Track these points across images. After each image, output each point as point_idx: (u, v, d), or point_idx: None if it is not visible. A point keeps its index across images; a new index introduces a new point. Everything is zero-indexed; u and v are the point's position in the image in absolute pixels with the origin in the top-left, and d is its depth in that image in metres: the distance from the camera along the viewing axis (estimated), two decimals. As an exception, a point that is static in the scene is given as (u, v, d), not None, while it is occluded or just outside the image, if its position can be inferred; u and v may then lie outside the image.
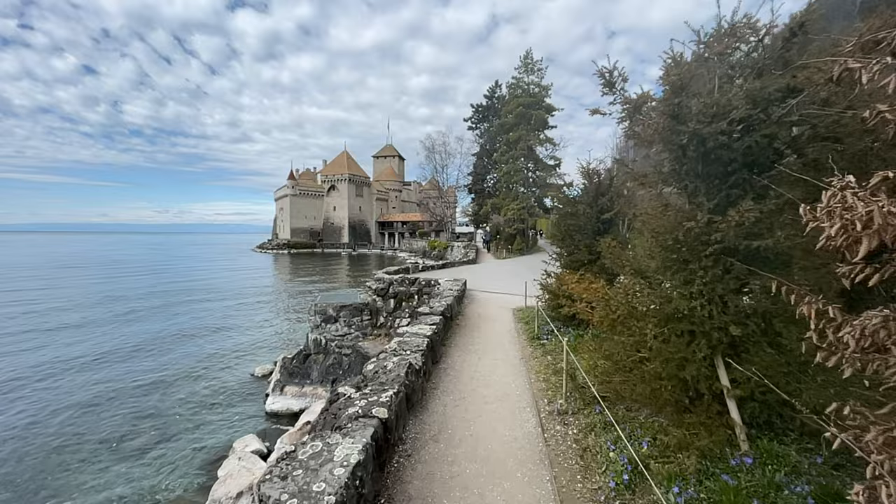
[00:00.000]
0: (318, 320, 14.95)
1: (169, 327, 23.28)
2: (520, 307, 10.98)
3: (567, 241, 8.07)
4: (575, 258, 7.52)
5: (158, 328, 23.15)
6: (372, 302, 15.85)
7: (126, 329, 22.78)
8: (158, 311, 27.41)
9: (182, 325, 23.92)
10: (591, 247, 7.33)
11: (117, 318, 25.27)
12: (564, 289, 7.31)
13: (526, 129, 30.54)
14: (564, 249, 8.17)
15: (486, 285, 15.37)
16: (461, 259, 27.51)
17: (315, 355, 15.07)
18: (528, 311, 10.29)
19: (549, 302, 8.00)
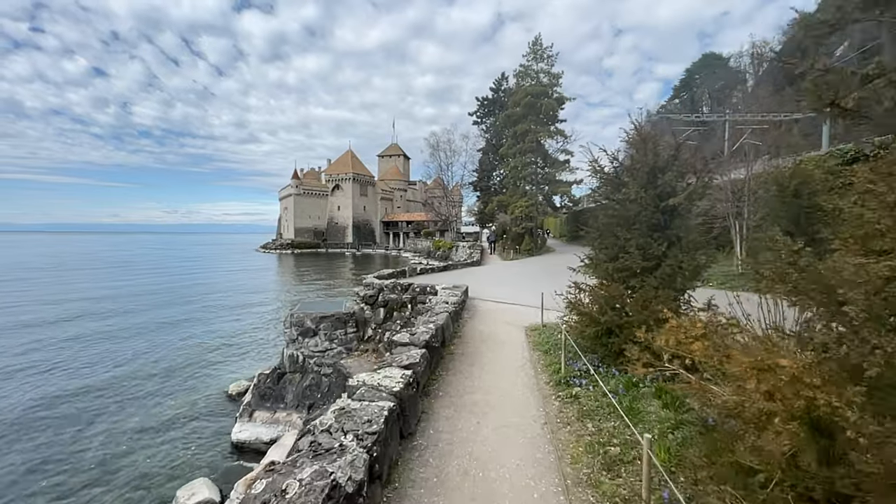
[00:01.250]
0: (295, 333, 12.62)
1: (146, 333, 21.14)
2: (534, 325, 8.51)
3: (605, 241, 5.59)
4: (621, 265, 5.05)
5: (134, 333, 21.03)
6: (359, 311, 13.48)
7: (96, 333, 20.66)
8: (141, 313, 25.33)
9: (162, 330, 21.78)
10: (646, 248, 4.86)
11: (89, 320, 23.18)
12: (613, 314, 4.86)
13: (534, 121, 27.99)
14: (602, 252, 5.69)
15: (491, 292, 12.92)
16: (465, 260, 25.07)
17: (291, 374, 12.74)
18: (545, 331, 7.82)
19: (582, 326, 5.54)
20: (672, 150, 4.89)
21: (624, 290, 5.01)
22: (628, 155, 5.85)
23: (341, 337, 12.77)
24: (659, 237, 4.89)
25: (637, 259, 4.84)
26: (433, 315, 7.15)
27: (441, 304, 8.12)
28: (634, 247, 4.93)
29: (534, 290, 13.15)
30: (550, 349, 6.57)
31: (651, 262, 4.80)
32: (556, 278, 17.45)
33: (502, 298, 11.77)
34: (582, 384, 4.89)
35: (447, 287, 11.40)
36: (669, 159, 4.87)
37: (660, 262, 4.82)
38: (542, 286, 14.52)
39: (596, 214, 6.24)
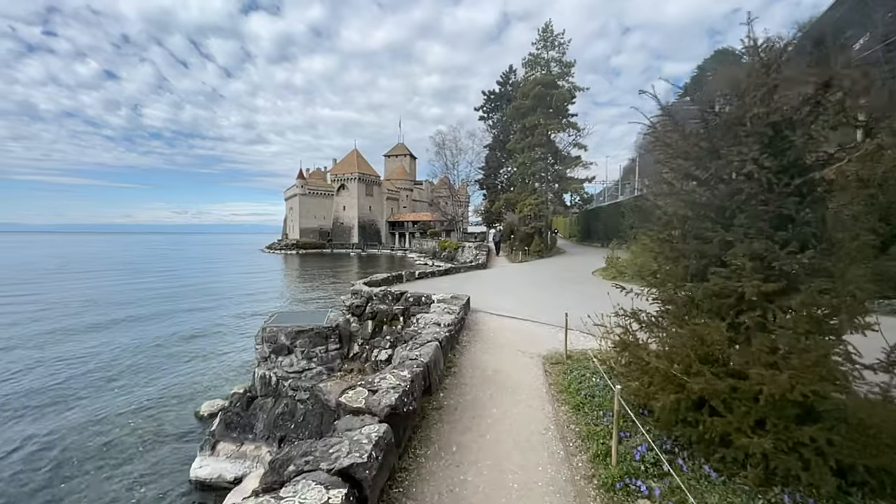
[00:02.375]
0: (267, 350, 10.63)
1: (121, 339, 19.33)
2: (554, 354, 6.39)
3: (681, 246, 3.45)
4: (717, 288, 2.92)
5: (107, 340, 19.25)
6: (344, 324, 11.47)
7: (70, 343, 18.92)
8: (127, 318, 23.61)
9: (141, 336, 19.99)
10: (766, 258, 2.75)
11: (69, 327, 21.48)
12: (711, 374, 2.73)
13: (545, 114, 25.76)
14: (673, 264, 3.55)
15: (497, 303, 10.80)
16: (470, 262, 22.95)
17: (262, 399, 10.76)
18: (572, 366, 5.70)
19: (645, 387, 3.42)
20: (813, 89, 2.74)
21: (728, 332, 2.87)
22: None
23: (321, 355, 10.76)
24: (786, 238, 2.76)
25: (752, 277, 2.70)
26: (416, 346, 5.06)
27: (430, 328, 6.02)
28: (742, 255, 2.80)
29: (548, 299, 11.17)
30: (585, 404, 4.44)
31: (778, 281, 2.67)
32: (571, 284, 15.18)
33: (511, 311, 9.64)
34: (654, 493, 2.77)
35: (443, 300, 9.32)
36: (809, 104, 2.73)
37: (794, 283, 2.69)
38: (558, 295, 12.12)
39: (651, 207, 4.12)
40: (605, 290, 13.01)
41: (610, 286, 13.16)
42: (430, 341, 5.31)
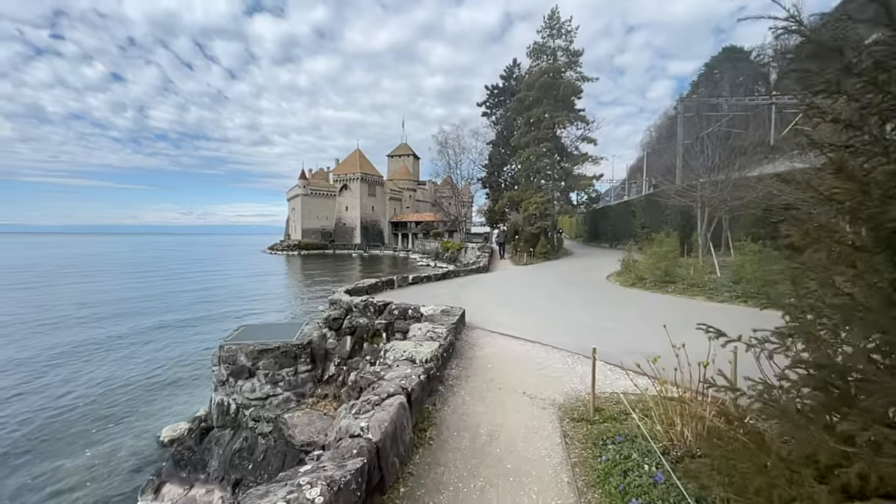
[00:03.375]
0: (224, 373, 8.86)
1: (91, 351, 17.66)
2: (574, 402, 4.53)
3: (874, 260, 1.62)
4: None
5: (80, 349, 17.59)
6: (319, 340, 9.67)
7: (39, 348, 17.26)
8: (111, 323, 21.99)
9: (118, 345, 18.33)
10: None
11: (48, 329, 19.86)
12: None
13: (551, 106, 23.85)
14: (863, 288, 1.72)
15: (498, 317, 8.92)
16: (471, 265, 21.11)
17: (219, 430, 8.99)
18: (608, 431, 3.81)
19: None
20: None
21: None
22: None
23: (289, 378, 8.96)
24: None
25: None
26: (369, 406, 3.23)
27: (400, 369, 4.16)
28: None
29: (559, 312, 9.12)
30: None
31: None
32: (584, 291, 12.47)
33: (515, 329, 7.78)
34: None
35: (430, 316, 7.49)
36: None
37: None
38: (570, 305, 10.04)
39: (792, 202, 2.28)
40: (625, 299, 11.02)
41: (632, 295, 11.19)
42: (394, 394, 3.48)
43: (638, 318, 8.44)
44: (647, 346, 6.40)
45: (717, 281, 11.07)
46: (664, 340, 6.66)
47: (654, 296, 10.74)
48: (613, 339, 6.82)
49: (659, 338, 7.00)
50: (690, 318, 8.21)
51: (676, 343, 3.41)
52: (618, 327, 7.64)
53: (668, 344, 7.12)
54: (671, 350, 5.90)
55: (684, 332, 7.34)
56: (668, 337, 3.64)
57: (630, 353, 6.14)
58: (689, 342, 5.42)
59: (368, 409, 3.20)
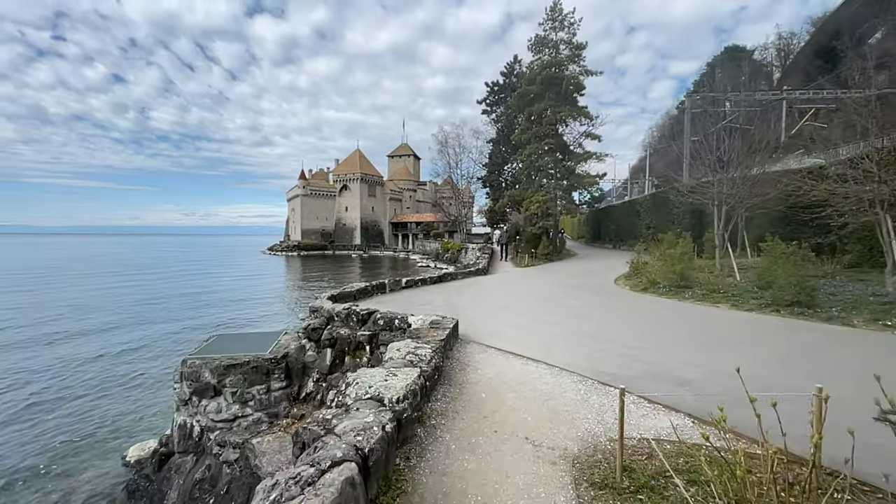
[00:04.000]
0: (186, 391, 7.79)
1: (80, 353, 16.61)
2: (596, 453, 3.42)
3: None
4: None
5: (68, 352, 16.54)
6: (296, 352, 8.60)
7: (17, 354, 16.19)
8: (95, 326, 20.94)
9: (98, 351, 17.27)
10: None
11: (30, 334, 18.79)
12: None
13: (553, 101, 22.75)
14: None
15: (497, 327, 7.82)
16: (469, 267, 20.01)
17: (180, 457, 7.91)
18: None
19: None
20: None
21: None
22: None
23: (260, 396, 7.88)
24: None
25: None
26: (298, 486, 2.14)
27: (360, 417, 3.06)
28: None
29: (566, 322, 7.90)
30: None
31: None
32: (592, 297, 11.22)
33: (516, 344, 6.67)
34: None
35: (416, 331, 6.40)
36: None
37: None
38: (579, 314, 8.84)
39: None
40: (638, 307, 9.75)
41: (646, 301, 10.06)
42: (341, 461, 2.39)
43: (657, 330, 7.33)
44: (675, 366, 5.32)
45: (739, 286, 9.95)
46: (695, 360, 5.57)
47: (669, 303, 9.62)
48: (631, 358, 5.72)
49: (687, 356, 5.88)
50: (722, 331, 7.07)
51: (714, 361, 2.30)
52: (635, 342, 6.54)
53: (701, 365, 6.02)
54: (708, 373, 4.77)
55: (722, 350, 6.29)
56: (711, 359, 2.53)
57: (655, 378, 5.05)
58: (730, 362, 4.33)
59: (295, 494, 2.10)
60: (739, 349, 6.04)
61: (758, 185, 11.61)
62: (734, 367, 2.71)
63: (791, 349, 6.01)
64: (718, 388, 4.48)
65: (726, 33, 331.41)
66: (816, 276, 8.54)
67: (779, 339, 6.54)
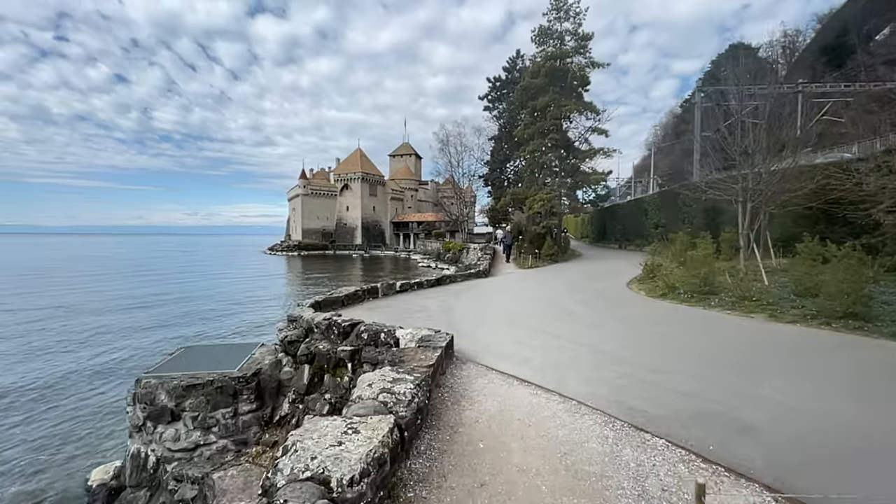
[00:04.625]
0: (140, 415, 6.71)
1: (58, 359, 15.58)
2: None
3: None
4: None
5: (47, 358, 15.51)
6: (269, 369, 7.51)
7: None
8: (81, 330, 19.94)
9: (77, 359, 16.26)
10: None
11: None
12: None
13: (558, 94, 21.58)
14: None
15: (499, 342, 6.68)
16: (469, 269, 18.89)
17: (132, 491, 6.83)
18: None
19: None
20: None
21: None
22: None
23: (226, 421, 6.80)
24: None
25: None
26: None
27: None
28: None
29: (581, 336, 6.51)
30: None
31: None
32: (605, 304, 9.67)
33: (521, 364, 5.54)
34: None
35: (409, 341, 5.28)
36: None
37: None
38: (595, 325, 7.65)
39: None
40: (661, 317, 8.16)
41: (667, 310, 8.86)
42: None
43: (688, 348, 6.19)
44: (723, 400, 3.91)
45: (771, 292, 8.78)
46: (745, 390, 4.40)
47: (694, 312, 8.45)
48: (664, 387, 4.59)
49: (734, 383, 4.50)
50: (766, 350, 5.75)
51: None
52: (664, 363, 5.40)
53: (756, 398, 4.62)
54: (772, 413, 3.67)
55: (776, 376, 4.94)
56: (766, 390, 1.48)
57: (703, 419, 3.75)
58: (794, 395, 3.17)
59: None
60: (796, 375, 4.90)
61: (789, 180, 10.44)
62: (802, 401, 1.59)
63: (863, 375, 4.86)
64: (797, 439, 3.34)
65: (729, 32, 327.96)
66: (868, 283, 7.36)
67: (840, 360, 5.38)
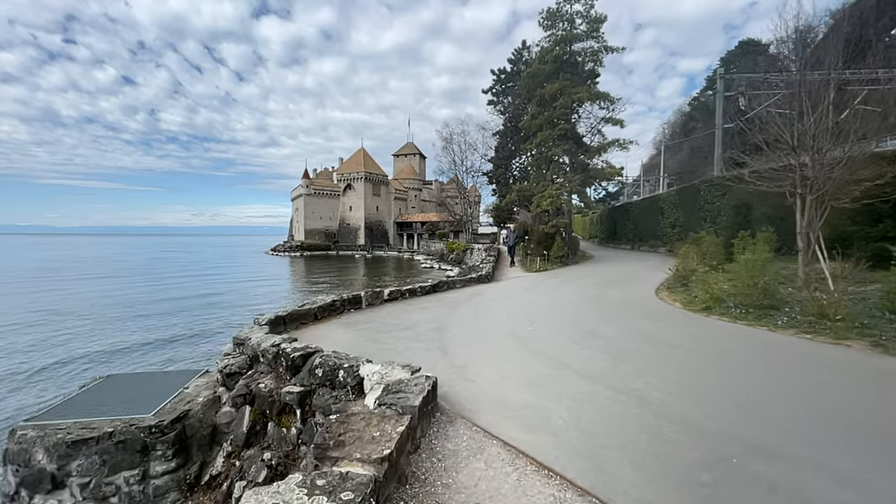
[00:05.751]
0: (12, 482, 4.90)
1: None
2: None
3: None
4: None
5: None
6: (205, 408, 5.65)
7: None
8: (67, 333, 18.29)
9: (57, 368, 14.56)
10: None
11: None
12: None
13: (568, 81, 19.57)
14: None
15: (503, 382, 4.73)
16: (472, 272, 16.96)
17: (2, 584, 5.04)
18: None
19: None
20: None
21: None
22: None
23: (130, 488, 4.93)
24: None
25: None
26: None
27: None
28: None
29: (614, 374, 4.27)
30: None
31: None
32: (635, 320, 7.16)
33: (533, 430, 3.60)
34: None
35: (376, 385, 3.35)
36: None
37: None
38: (631, 360, 5.14)
39: None
40: (715, 342, 4.41)
41: (719, 331, 6.45)
42: None
43: (788, 400, 4.17)
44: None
45: (855, 309, 6.74)
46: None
47: (760, 335, 6.41)
48: (795, 496, 2.63)
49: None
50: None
51: None
52: (772, 439, 3.41)
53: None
54: None
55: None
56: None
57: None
58: None
59: None
60: None
61: (857, 169, 8.42)
62: None
63: None
64: None
65: (736, 29, 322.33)
66: None
67: None
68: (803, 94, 9.35)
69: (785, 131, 9.27)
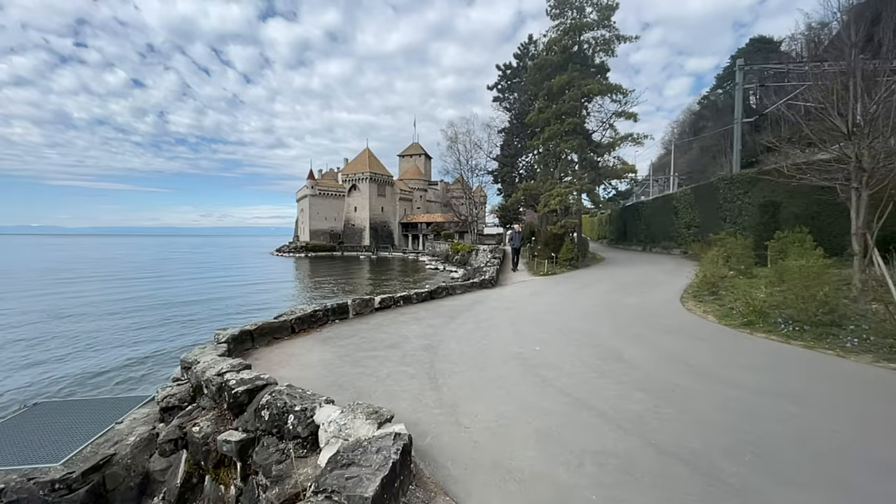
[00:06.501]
0: None
1: None
2: None
3: None
4: None
5: None
6: (134, 451, 4.50)
7: None
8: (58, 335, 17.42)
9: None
10: None
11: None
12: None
13: (577, 72, 18.28)
14: None
15: (505, 432, 3.51)
16: (475, 276, 15.74)
17: None
18: None
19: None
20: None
21: None
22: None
23: (26, 563, 3.82)
24: None
25: None
26: None
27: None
28: None
29: (652, 416, 3.34)
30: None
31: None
32: (667, 342, 4.98)
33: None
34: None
35: (331, 436, 2.18)
36: None
37: None
38: (668, 396, 2.96)
39: None
40: (770, 370, 2.77)
41: (772, 352, 5.14)
42: None
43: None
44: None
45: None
46: None
47: (826, 363, 5.07)
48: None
49: None
50: None
51: None
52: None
53: None
54: None
55: None
56: None
57: None
58: None
59: None
60: None
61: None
62: None
63: None
64: None
65: (745, 28, 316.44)
66: None
67: None
68: (858, 78, 8.05)
69: (836, 118, 7.94)
